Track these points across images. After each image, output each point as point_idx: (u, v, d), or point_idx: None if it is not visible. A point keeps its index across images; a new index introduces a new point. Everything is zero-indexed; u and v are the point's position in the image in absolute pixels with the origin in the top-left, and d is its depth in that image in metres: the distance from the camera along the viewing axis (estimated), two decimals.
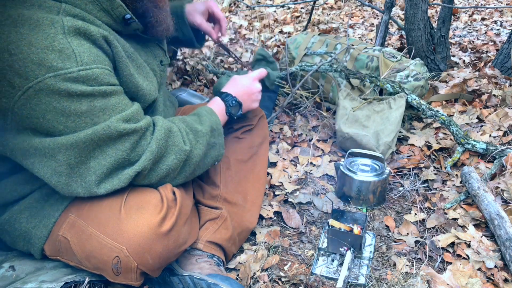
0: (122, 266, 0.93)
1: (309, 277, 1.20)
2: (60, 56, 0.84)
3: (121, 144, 0.92)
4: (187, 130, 1.06)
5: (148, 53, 1.12)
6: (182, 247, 1.03)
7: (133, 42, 1.06)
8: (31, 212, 1.02)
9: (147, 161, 0.95)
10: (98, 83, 0.88)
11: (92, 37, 0.89)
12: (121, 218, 0.93)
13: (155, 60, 1.14)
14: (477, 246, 1.26)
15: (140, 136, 0.95)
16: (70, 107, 0.86)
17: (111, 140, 0.91)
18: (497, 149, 1.59)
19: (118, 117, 0.91)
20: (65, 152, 0.88)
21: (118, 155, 0.92)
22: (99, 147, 0.90)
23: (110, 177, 0.94)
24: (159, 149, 0.97)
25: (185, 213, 1.02)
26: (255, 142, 1.38)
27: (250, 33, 3.67)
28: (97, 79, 0.88)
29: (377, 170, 1.52)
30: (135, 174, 0.95)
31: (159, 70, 1.15)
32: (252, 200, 1.34)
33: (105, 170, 0.92)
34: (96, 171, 0.92)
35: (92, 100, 0.88)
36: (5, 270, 1.05)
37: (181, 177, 1.07)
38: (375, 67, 2.02)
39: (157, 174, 1.00)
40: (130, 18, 0.99)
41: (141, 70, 1.04)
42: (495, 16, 3.94)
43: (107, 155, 0.91)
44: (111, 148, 0.91)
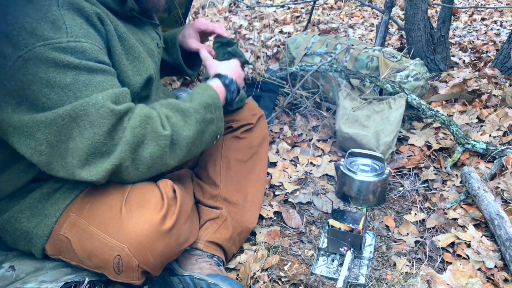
0: (124, 264, 0.93)
1: (309, 277, 1.20)
2: (52, 27, 0.86)
3: (99, 127, 0.89)
4: (169, 114, 1.01)
5: (145, 35, 1.13)
6: (183, 245, 1.03)
7: (130, 24, 1.07)
8: (32, 212, 1.02)
9: (123, 152, 0.91)
10: (86, 57, 0.89)
11: (85, 13, 0.91)
12: (122, 217, 0.93)
13: (152, 41, 1.14)
14: (477, 246, 1.26)
15: (118, 119, 0.91)
16: (55, 78, 0.87)
17: (89, 119, 0.88)
18: (497, 149, 1.59)
19: (102, 95, 0.90)
20: (44, 130, 0.88)
21: (95, 139, 0.89)
22: (78, 126, 0.88)
23: (92, 163, 0.91)
24: (134, 138, 0.92)
25: (185, 211, 1.02)
26: (255, 142, 1.38)
27: (250, 33, 3.67)
28: (85, 53, 0.89)
29: (377, 170, 1.52)
30: (114, 167, 0.91)
31: (156, 51, 1.15)
32: (252, 200, 1.34)
33: (84, 154, 0.89)
34: (75, 152, 0.89)
35: (77, 73, 0.88)
36: (5, 270, 1.05)
37: (174, 161, 1.02)
38: (375, 67, 2.02)
39: (143, 164, 0.96)
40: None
41: (132, 50, 1.03)
42: (495, 16, 3.94)
43: (84, 138, 0.89)
44: (88, 130, 0.89)
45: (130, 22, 1.08)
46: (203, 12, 4.55)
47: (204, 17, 4.37)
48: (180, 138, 1.01)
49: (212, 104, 1.09)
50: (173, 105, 1.04)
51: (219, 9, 4.61)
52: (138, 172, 0.97)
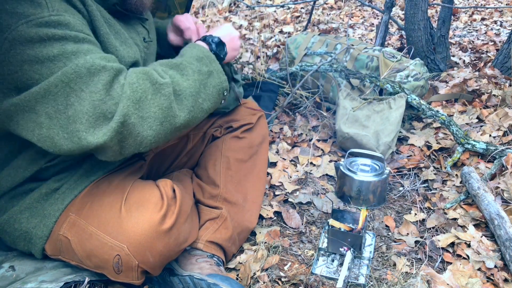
0: (123, 264, 0.93)
1: (309, 277, 1.20)
2: (32, 4, 0.86)
3: (94, 85, 0.87)
4: (165, 69, 0.99)
5: (130, 29, 1.11)
6: (183, 245, 1.03)
7: (115, 17, 1.06)
8: (31, 212, 1.02)
9: (126, 108, 0.87)
10: (70, 28, 0.88)
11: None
12: (121, 216, 0.93)
13: (137, 36, 1.12)
14: (477, 246, 1.26)
15: (112, 76, 0.89)
16: (42, 52, 0.86)
17: (82, 80, 0.86)
18: (497, 149, 1.59)
19: (91, 56, 0.88)
20: (41, 101, 0.87)
21: (92, 98, 0.86)
22: (73, 91, 0.86)
23: (96, 125, 0.87)
24: (135, 93, 0.89)
25: (185, 211, 1.02)
26: (255, 142, 1.38)
27: (250, 33, 3.67)
28: (68, 25, 0.88)
29: (377, 170, 1.52)
30: (119, 125, 0.86)
31: (142, 46, 1.13)
32: (252, 200, 1.34)
33: (86, 117, 0.86)
34: (77, 118, 0.87)
35: (63, 44, 0.87)
36: (5, 270, 1.05)
37: (185, 112, 0.97)
38: (375, 67, 2.02)
39: (154, 119, 0.91)
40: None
41: (119, 35, 1.02)
42: (495, 16, 3.95)
43: (82, 99, 0.86)
44: (84, 91, 0.86)
45: (115, 16, 1.06)
46: (203, 12, 4.55)
47: (204, 17, 4.37)
48: (181, 88, 0.97)
49: (204, 57, 1.05)
50: (165, 62, 1.02)
51: (219, 9, 4.61)
52: (152, 131, 0.91)
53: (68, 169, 1.06)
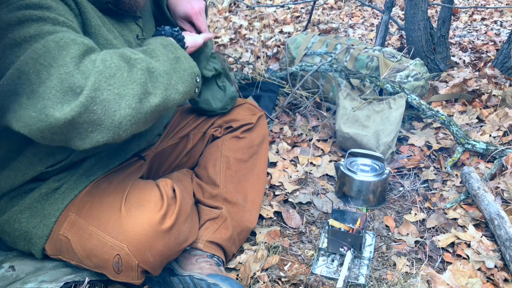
0: (123, 264, 0.93)
1: (309, 277, 1.20)
2: None
3: (62, 59, 0.83)
4: (134, 51, 0.94)
5: (123, 27, 1.10)
6: (183, 244, 1.03)
7: (107, 16, 1.05)
8: (31, 212, 1.02)
9: (97, 82, 0.82)
10: (50, 11, 0.87)
11: None
12: (121, 216, 0.93)
13: (130, 34, 1.12)
14: (477, 246, 1.26)
15: (82, 51, 0.85)
16: (20, 33, 0.85)
17: (50, 54, 0.83)
18: (497, 149, 1.59)
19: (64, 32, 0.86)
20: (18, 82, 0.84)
21: (60, 71, 0.82)
22: (44, 67, 0.82)
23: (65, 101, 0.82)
24: (108, 69, 0.85)
25: (185, 210, 1.02)
26: (255, 142, 1.38)
27: (250, 33, 3.68)
28: (49, 8, 0.87)
29: (377, 170, 1.52)
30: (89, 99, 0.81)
31: (135, 43, 1.12)
32: (252, 200, 1.34)
33: (53, 91, 0.82)
34: (45, 93, 0.82)
35: (41, 24, 0.86)
36: (5, 270, 1.05)
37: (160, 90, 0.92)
38: (375, 67, 2.02)
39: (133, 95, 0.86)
40: None
41: (111, 31, 1.01)
42: (495, 16, 3.95)
43: (51, 75, 0.83)
44: (53, 66, 0.82)
45: (107, 14, 1.06)
46: None
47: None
48: (154, 66, 0.93)
49: (168, 44, 1.03)
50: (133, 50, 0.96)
51: (219, 9, 4.61)
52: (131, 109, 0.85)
53: (68, 169, 1.06)
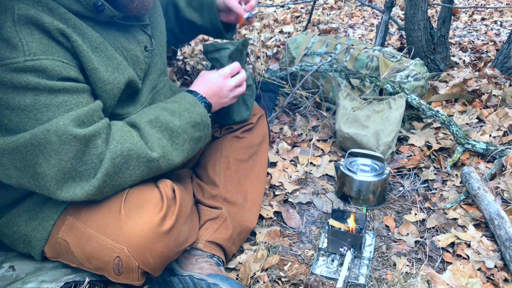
0: (123, 266, 0.93)
1: (309, 277, 1.20)
2: (7, 46, 0.83)
3: (64, 153, 0.86)
4: (159, 136, 1.00)
5: (130, 39, 1.06)
6: (183, 245, 1.03)
7: (113, 29, 1.02)
8: (29, 215, 1.02)
9: (103, 181, 0.91)
10: (47, 75, 0.85)
11: (46, 27, 0.86)
12: (121, 218, 0.93)
13: (138, 46, 1.08)
14: (477, 246, 1.26)
15: (84, 144, 0.88)
16: (14, 99, 0.84)
17: (52, 146, 0.86)
18: (497, 149, 1.59)
19: (63, 119, 0.86)
20: (8, 156, 0.87)
21: (61, 165, 0.87)
22: (42, 154, 0.86)
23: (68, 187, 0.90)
24: (115, 167, 0.91)
25: (185, 211, 1.02)
26: (255, 142, 1.38)
27: (250, 33, 3.67)
28: (45, 71, 0.85)
29: (377, 170, 1.52)
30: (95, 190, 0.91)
31: (143, 56, 1.09)
32: (252, 200, 1.34)
33: (54, 180, 0.88)
34: (46, 178, 0.88)
35: (37, 93, 0.85)
36: (5, 270, 1.05)
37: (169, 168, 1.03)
38: (375, 67, 2.02)
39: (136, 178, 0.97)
40: (101, 5, 0.94)
41: (110, 62, 0.98)
42: (495, 16, 3.95)
43: (51, 165, 0.87)
44: (54, 157, 0.86)
45: (112, 26, 1.02)
46: None
47: None
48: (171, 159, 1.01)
49: (200, 122, 1.08)
50: (162, 123, 1.01)
51: None
52: (132, 182, 0.97)
53: None
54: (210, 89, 1.15)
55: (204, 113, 1.09)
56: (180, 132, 1.03)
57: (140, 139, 0.96)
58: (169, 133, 1.02)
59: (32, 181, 0.90)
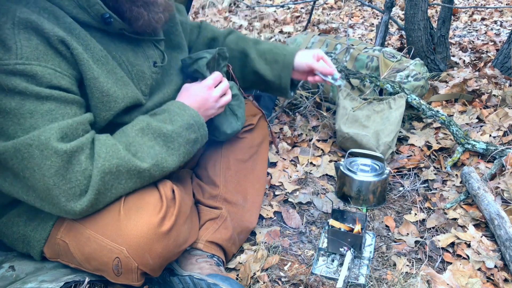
0: (123, 267, 0.93)
1: (309, 277, 1.20)
2: (2, 47, 0.83)
3: (46, 169, 0.85)
4: (150, 144, 0.98)
5: (138, 54, 1.05)
6: (182, 246, 1.03)
7: (123, 41, 1.01)
8: (29, 215, 1.02)
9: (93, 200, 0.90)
10: (36, 81, 0.84)
11: (45, 34, 0.85)
12: (120, 219, 0.93)
13: (146, 62, 1.07)
14: (477, 246, 1.26)
15: (66, 160, 0.86)
16: (1, 100, 0.83)
17: (34, 161, 0.85)
18: (497, 149, 1.59)
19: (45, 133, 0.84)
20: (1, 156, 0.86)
21: (45, 181, 0.86)
22: (27, 168, 0.85)
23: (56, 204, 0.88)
24: (106, 184, 0.90)
25: (184, 212, 1.02)
26: (255, 142, 1.38)
27: (250, 33, 3.67)
28: (35, 77, 0.84)
29: (377, 170, 1.52)
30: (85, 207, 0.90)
31: (150, 72, 1.07)
32: (252, 200, 1.34)
33: (42, 197, 0.88)
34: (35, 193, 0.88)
35: (23, 98, 0.84)
36: (5, 270, 1.05)
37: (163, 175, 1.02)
38: (375, 67, 2.02)
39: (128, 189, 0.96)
40: (108, 17, 0.93)
41: (111, 75, 0.96)
42: (495, 16, 3.95)
43: (36, 179, 0.86)
44: (37, 172, 0.85)
45: (122, 39, 1.01)
46: (203, 12, 4.55)
47: (204, 17, 4.37)
48: (165, 165, 0.99)
49: (194, 123, 1.06)
50: (155, 130, 0.99)
51: (219, 9, 4.61)
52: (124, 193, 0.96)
53: None
54: (196, 102, 1.11)
55: (196, 113, 1.07)
56: (174, 137, 1.01)
57: (127, 152, 0.94)
58: (162, 139, 1.00)
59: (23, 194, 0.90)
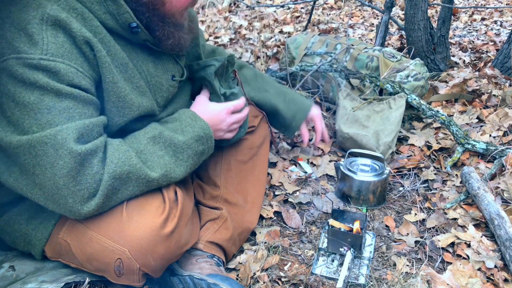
0: (124, 267, 0.93)
1: (309, 277, 1.20)
2: (28, 41, 0.83)
3: (58, 168, 0.85)
4: (161, 153, 0.99)
5: (157, 66, 1.06)
6: (184, 248, 1.03)
7: (145, 52, 1.02)
8: (30, 214, 1.02)
9: (100, 203, 0.89)
10: (58, 78, 0.85)
11: (72, 33, 0.86)
12: (123, 220, 0.93)
13: (164, 74, 1.08)
14: (477, 246, 1.26)
15: (80, 162, 0.86)
16: (20, 93, 0.84)
17: (48, 159, 0.85)
18: (497, 149, 1.59)
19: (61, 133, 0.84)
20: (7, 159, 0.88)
21: (56, 180, 0.86)
22: (39, 165, 0.85)
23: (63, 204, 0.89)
24: (114, 190, 0.91)
25: (186, 213, 1.02)
26: (256, 143, 1.38)
27: (250, 33, 3.67)
28: (57, 74, 0.84)
29: (377, 170, 1.52)
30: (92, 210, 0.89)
31: (167, 85, 1.08)
32: (252, 201, 1.34)
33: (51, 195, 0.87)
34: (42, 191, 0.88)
35: (43, 93, 0.84)
36: (5, 270, 1.05)
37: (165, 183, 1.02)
38: (375, 67, 2.02)
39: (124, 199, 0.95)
40: (136, 26, 0.94)
41: (129, 82, 0.97)
42: (495, 16, 3.95)
43: (47, 178, 0.86)
44: (49, 170, 0.85)
45: (144, 50, 1.03)
46: (203, 12, 4.55)
47: (204, 17, 4.37)
48: (173, 176, 1.00)
49: (204, 135, 1.07)
50: (166, 139, 1.00)
51: (219, 9, 4.61)
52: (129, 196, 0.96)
53: None
54: (209, 119, 1.12)
55: (206, 126, 1.08)
56: (184, 148, 1.02)
57: (139, 160, 0.94)
58: (173, 149, 1.01)
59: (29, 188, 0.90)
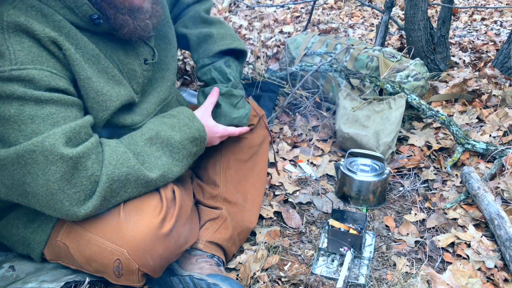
0: (124, 268, 0.93)
1: (309, 277, 1.20)
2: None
3: (50, 174, 0.83)
4: (158, 154, 0.98)
5: (128, 52, 1.04)
6: (183, 247, 1.03)
7: (112, 40, 1.00)
8: (29, 218, 1.02)
9: (98, 205, 0.89)
10: (34, 85, 0.82)
11: (36, 35, 0.83)
12: (120, 221, 0.93)
13: (136, 59, 1.05)
14: (477, 246, 1.26)
15: (72, 165, 0.84)
16: (0, 108, 0.81)
17: (39, 167, 0.83)
18: (497, 149, 1.59)
19: (49, 138, 0.82)
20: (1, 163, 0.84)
21: (49, 186, 0.84)
22: (29, 173, 0.83)
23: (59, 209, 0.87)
24: (112, 192, 0.90)
25: (185, 213, 1.02)
26: (255, 142, 1.38)
27: (250, 33, 3.67)
28: (32, 81, 0.82)
29: (377, 170, 1.52)
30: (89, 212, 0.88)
31: (141, 70, 1.06)
32: (252, 200, 1.34)
33: (46, 202, 0.86)
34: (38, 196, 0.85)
35: (22, 104, 0.81)
36: (5, 270, 1.05)
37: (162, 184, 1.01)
38: (375, 67, 2.02)
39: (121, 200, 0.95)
40: (97, 18, 0.91)
41: (104, 74, 0.95)
42: (495, 16, 3.94)
43: (39, 185, 0.84)
44: (41, 177, 0.83)
45: (111, 38, 0.99)
46: None
47: None
48: (170, 176, 1.00)
49: (198, 137, 1.07)
50: (163, 139, 1.00)
51: (219, 9, 4.61)
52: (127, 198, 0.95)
53: None
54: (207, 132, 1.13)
55: (202, 128, 1.08)
56: (180, 148, 1.02)
57: (137, 161, 0.94)
58: (169, 149, 1.01)
59: (21, 198, 0.88)
